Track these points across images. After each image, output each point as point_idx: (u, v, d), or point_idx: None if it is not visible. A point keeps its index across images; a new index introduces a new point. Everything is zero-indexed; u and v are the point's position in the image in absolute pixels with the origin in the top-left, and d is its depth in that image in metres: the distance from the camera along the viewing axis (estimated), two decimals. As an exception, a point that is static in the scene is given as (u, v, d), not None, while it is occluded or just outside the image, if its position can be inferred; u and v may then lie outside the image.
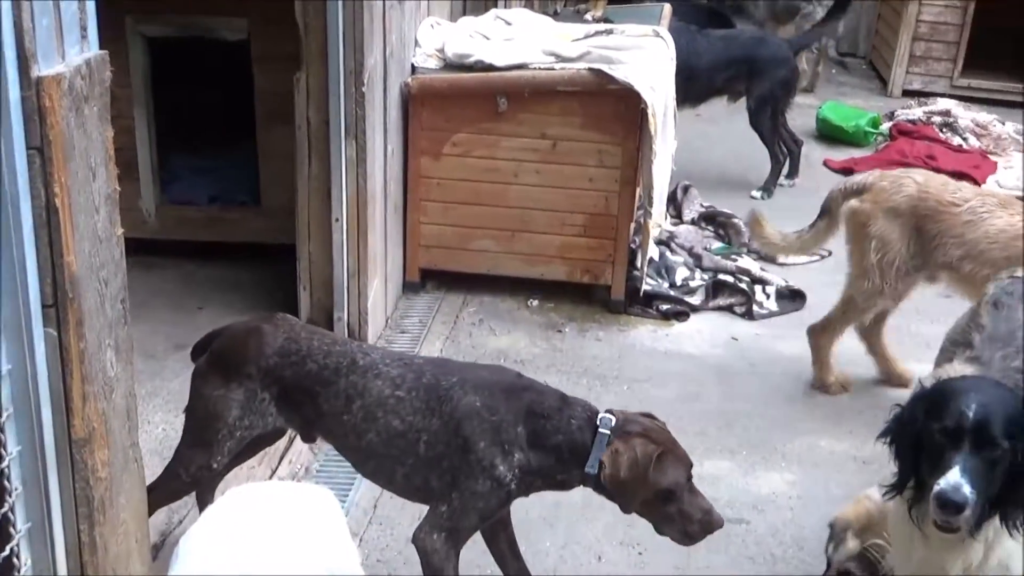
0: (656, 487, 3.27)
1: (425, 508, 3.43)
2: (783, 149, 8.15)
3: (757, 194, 8.05)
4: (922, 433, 2.99)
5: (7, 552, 2.45)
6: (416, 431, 3.36)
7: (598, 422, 3.33)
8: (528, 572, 3.71)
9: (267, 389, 3.46)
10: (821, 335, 5.36)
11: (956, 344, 3.77)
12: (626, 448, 3.28)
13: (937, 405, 2.98)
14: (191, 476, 3.51)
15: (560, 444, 3.32)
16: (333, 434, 3.53)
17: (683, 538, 3.38)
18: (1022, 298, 3.71)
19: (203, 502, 3.95)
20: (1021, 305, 3.68)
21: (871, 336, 5.44)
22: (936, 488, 2.86)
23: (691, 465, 3.39)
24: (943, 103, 10.10)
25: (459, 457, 3.32)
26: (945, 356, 3.80)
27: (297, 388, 3.46)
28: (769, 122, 8.01)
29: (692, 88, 7.45)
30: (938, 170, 8.41)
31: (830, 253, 6.99)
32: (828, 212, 5.35)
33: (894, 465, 3.14)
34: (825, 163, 8.85)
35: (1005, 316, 3.68)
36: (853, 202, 5.11)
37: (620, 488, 3.30)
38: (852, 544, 3.59)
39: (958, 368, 3.48)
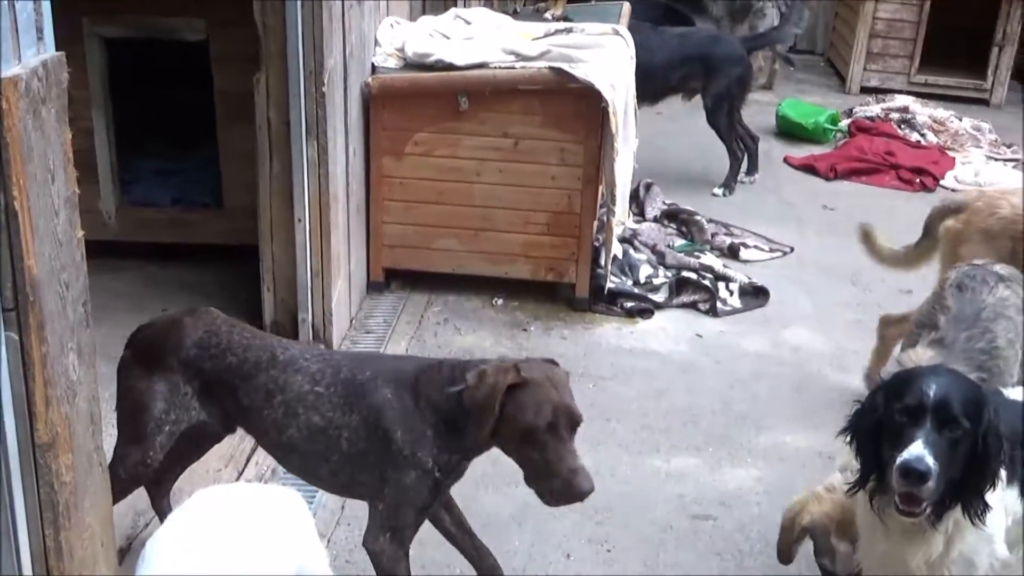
0: (509, 420, 3.18)
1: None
2: (740, 146, 8.18)
3: (719, 191, 8.08)
4: (883, 420, 3.01)
5: (-30, 559, 2.43)
6: (336, 427, 3.36)
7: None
8: (484, 547, 3.69)
9: (189, 382, 3.46)
10: (892, 327, 5.26)
11: (923, 327, 3.87)
12: (491, 370, 3.22)
13: (898, 389, 3.01)
14: (128, 473, 3.49)
15: (453, 400, 3.27)
16: (255, 429, 3.54)
17: (547, 496, 3.25)
18: (984, 282, 3.88)
19: (158, 508, 3.95)
20: (984, 288, 3.82)
21: (892, 328, 5.32)
22: (899, 460, 2.87)
23: (570, 415, 3.22)
24: (901, 99, 10.20)
25: (382, 451, 3.32)
26: (911, 340, 3.87)
27: (217, 381, 3.46)
28: (726, 119, 8.03)
29: (648, 86, 7.44)
30: (897, 166, 8.57)
31: (792, 249, 7.05)
32: (928, 230, 5.16)
33: (856, 461, 3.17)
34: (785, 160, 8.91)
35: (969, 299, 3.84)
36: (949, 221, 4.97)
37: (472, 409, 3.21)
38: (844, 547, 3.45)
39: (922, 352, 3.53)
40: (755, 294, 6.37)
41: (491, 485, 4.51)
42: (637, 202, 7.37)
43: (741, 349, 5.82)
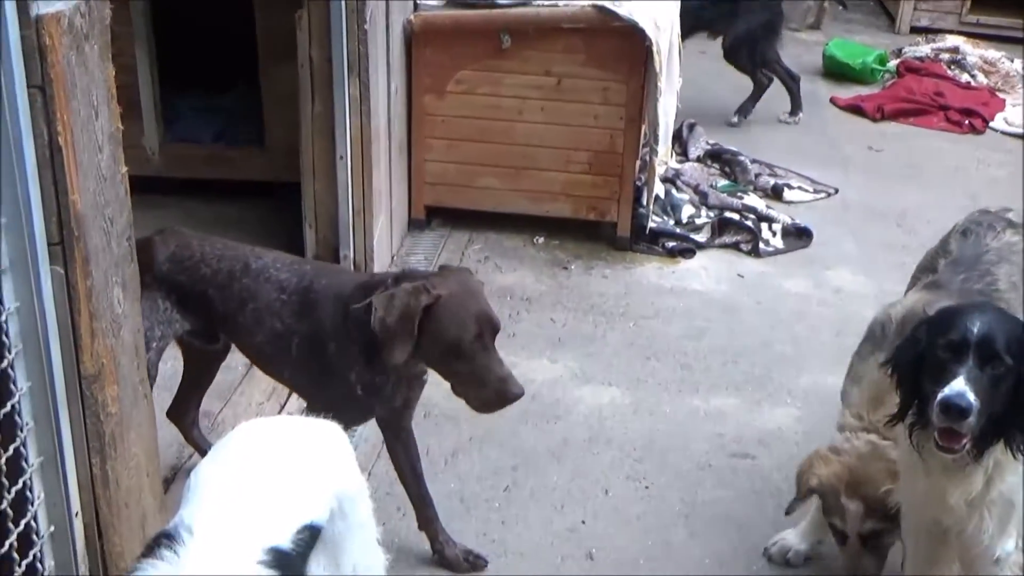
0: (431, 339, 3.17)
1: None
2: (766, 75, 8.08)
3: (735, 119, 8.05)
4: (925, 354, 3.00)
5: (20, 485, 2.49)
6: (291, 334, 3.43)
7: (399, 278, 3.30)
8: (429, 496, 3.71)
9: (167, 297, 3.51)
10: None
11: (924, 271, 3.85)
12: (401, 293, 3.18)
13: (941, 324, 3.00)
14: None
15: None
16: (232, 335, 3.63)
17: (479, 404, 3.27)
18: (991, 228, 3.80)
19: (191, 440, 4.06)
20: (990, 233, 3.78)
21: None
22: (940, 395, 2.87)
23: (491, 323, 3.22)
24: (951, 40, 10.00)
25: (318, 362, 3.38)
26: (912, 284, 3.87)
27: (194, 292, 3.53)
28: (747, 57, 7.94)
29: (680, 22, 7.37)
30: (946, 107, 8.44)
31: (837, 191, 6.99)
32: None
33: (896, 394, 3.16)
34: (832, 100, 8.79)
35: (972, 243, 3.77)
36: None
37: (386, 333, 3.17)
38: (853, 506, 3.45)
39: (918, 295, 3.56)
40: (798, 235, 6.32)
41: (530, 421, 4.54)
42: (680, 142, 7.31)
43: (783, 290, 5.80)
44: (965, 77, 9.26)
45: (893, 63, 9.44)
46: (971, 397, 2.83)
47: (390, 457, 3.71)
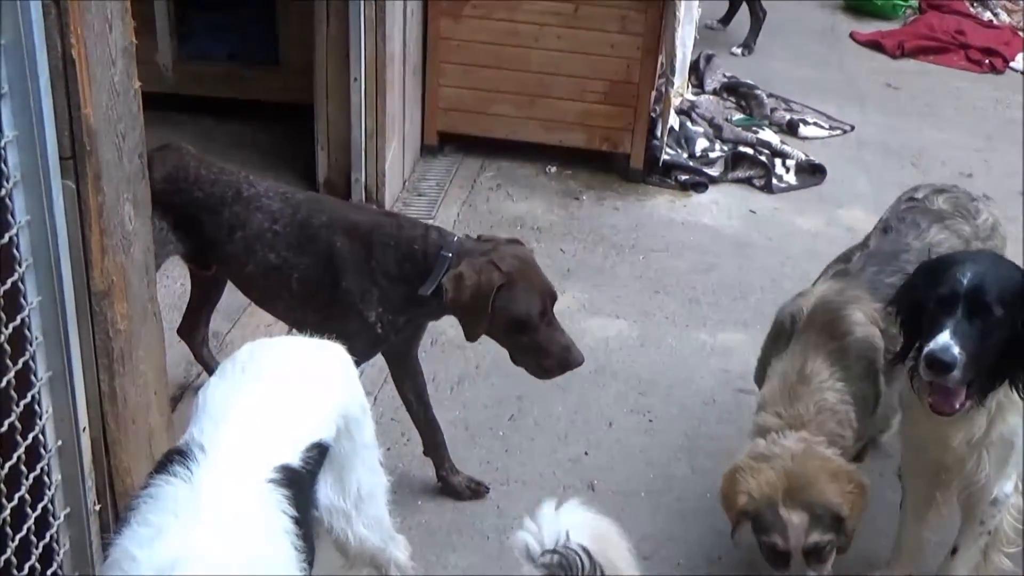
0: (502, 316, 3.24)
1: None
2: (762, 7, 8.06)
3: (737, 50, 8.01)
4: (922, 301, 2.99)
5: (28, 399, 2.50)
6: (289, 267, 3.43)
7: (443, 244, 3.31)
8: (436, 422, 3.75)
9: (163, 217, 3.47)
10: None
11: (839, 261, 3.64)
12: (471, 273, 3.22)
13: (935, 273, 2.98)
14: None
15: (408, 271, 3.31)
16: (220, 262, 3.62)
17: (539, 371, 3.36)
18: (915, 225, 3.57)
19: (200, 357, 4.09)
20: (913, 231, 3.55)
21: None
22: (926, 349, 2.87)
23: (553, 297, 3.32)
24: (976, -24, 9.88)
25: (329, 295, 3.38)
26: (823, 273, 3.68)
27: (186, 216, 3.52)
28: None
29: None
30: (967, 46, 8.34)
31: (852, 128, 6.94)
32: None
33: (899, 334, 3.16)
34: (851, 35, 8.70)
35: (891, 239, 3.56)
36: None
37: (462, 314, 3.26)
38: (797, 517, 2.99)
39: (826, 285, 3.43)
40: (812, 172, 6.29)
41: (537, 351, 4.55)
42: (697, 73, 7.25)
43: (795, 227, 5.78)
44: (988, 15, 9.16)
45: None
46: (955, 351, 2.82)
47: (395, 385, 3.73)
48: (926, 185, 3.88)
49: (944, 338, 2.84)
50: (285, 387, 2.51)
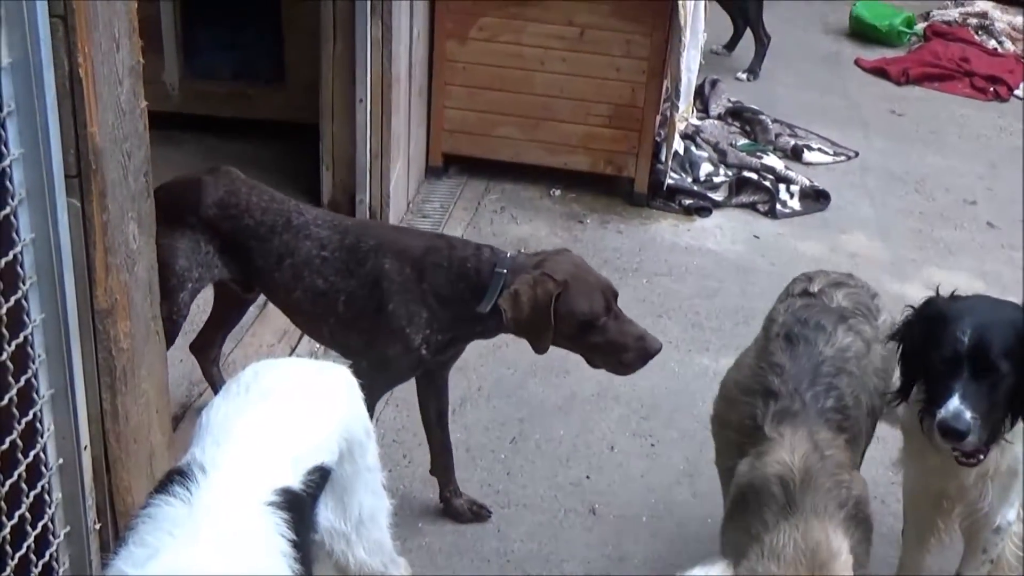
0: (567, 322, 3.23)
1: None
2: (766, 33, 8.10)
3: (743, 76, 8.03)
4: (922, 353, 2.96)
5: (30, 417, 2.50)
6: (336, 291, 3.42)
7: (496, 262, 3.31)
8: (449, 446, 3.74)
9: (210, 241, 3.51)
10: None
11: (752, 393, 3.08)
12: (526, 288, 3.22)
13: (935, 331, 2.92)
14: None
15: (462, 291, 3.31)
16: (267, 289, 3.63)
17: (620, 367, 3.37)
18: (820, 329, 3.13)
19: (209, 376, 4.06)
20: (821, 337, 3.11)
21: None
22: (938, 416, 2.84)
23: (612, 292, 3.32)
24: (980, 5, 9.88)
25: (373, 319, 3.37)
26: (739, 410, 3.13)
27: (235, 242, 3.52)
28: (755, 5, 8.02)
29: None
30: (971, 73, 8.36)
31: (857, 154, 6.95)
32: None
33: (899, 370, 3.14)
34: (856, 62, 8.72)
35: (803, 352, 3.09)
36: None
37: (525, 330, 3.26)
38: None
39: (782, 434, 2.88)
40: (816, 197, 6.29)
41: (539, 374, 4.55)
42: (702, 98, 7.26)
43: (798, 252, 5.78)
44: (992, 43, 9.17)
45: (920, 26, 9.35)
46: (968, 417, 2.80)
47: (420, 402, 3.70)
48: (819, 273, 3.50)
49: (955, 405, 2.82)
50: (288, 409, 2.51)
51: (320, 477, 2.47)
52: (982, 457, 2.93)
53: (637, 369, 3.39)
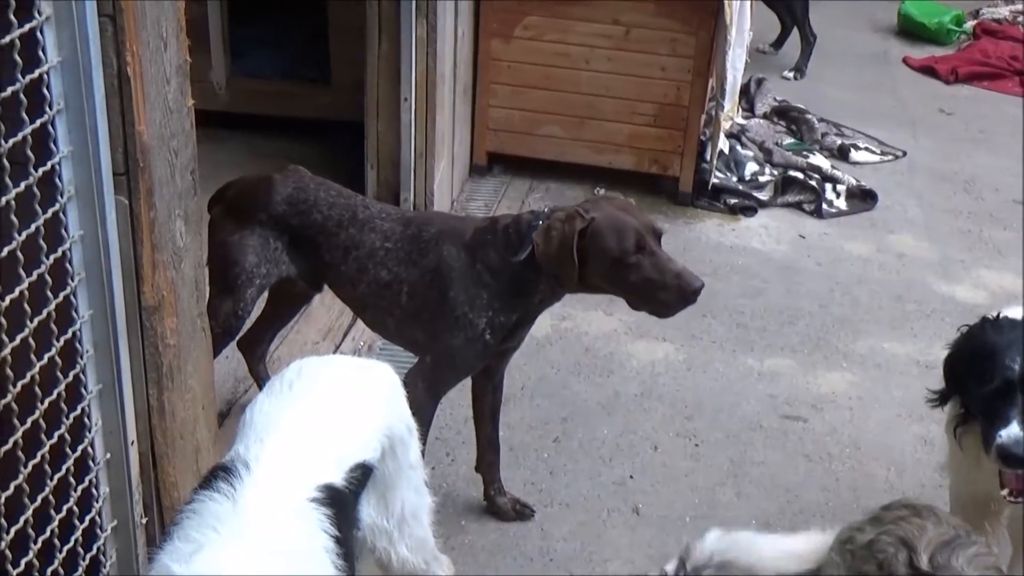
0: (597, 259, 3.19)
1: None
2: (812, 31, 8.06)
3: (789, 74, 8.00)
4: (968, 374, 2.97)
5: (78, 412, 2.52)
6: (399, 282, 3.43)
7: (533, 219, 3.29)
8: (498, 442, 3.74)
9: (279, 237, 3.53)
10: None
11: None
12: (556, 223, 3.20)
13: (980, 364, 2.93)
14: (221, 326, 3.56)
15: (509, 256, 3.29)
16: (334, 284, 3.63)
17: (661, 308, 3.28)
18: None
19: (255, 373, 4.07)
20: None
21: None
22: (997, 441, 2.83)
23: (653, 231, 3.25)
24: (1031, 2, 9.78)
25: (436, 309, 3.37)
26: None
27: (304, 237, 3.53)
28: (801, 3, 7.99)
29: None
30: (1021, 72, 8.25)
31: (904, 153, 6.89)
32: None
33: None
34: (904, 60, 8.64)
35: None
36: None
37: (551, 264, 3.22)
38: None
39: (927, 524, 2.42)
40: (862, 197, 6.24)
41: (582, 373, 4.55)
42: (747, 97, 7.23)
43: (844, 252, 5.73)
44: (1043, 42, 9.05)
45: (969, 24, 9.25)
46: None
47: (473, 397, 3.69)
48: (916, 526, 2.45)
49: (1015, 431, 2.81)
50: (331, 406, 2.52)
51: (362, 474, 2.48)
52: None
53: (677, 310, 3.29)
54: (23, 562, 2.40)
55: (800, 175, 6.24)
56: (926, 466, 4.13)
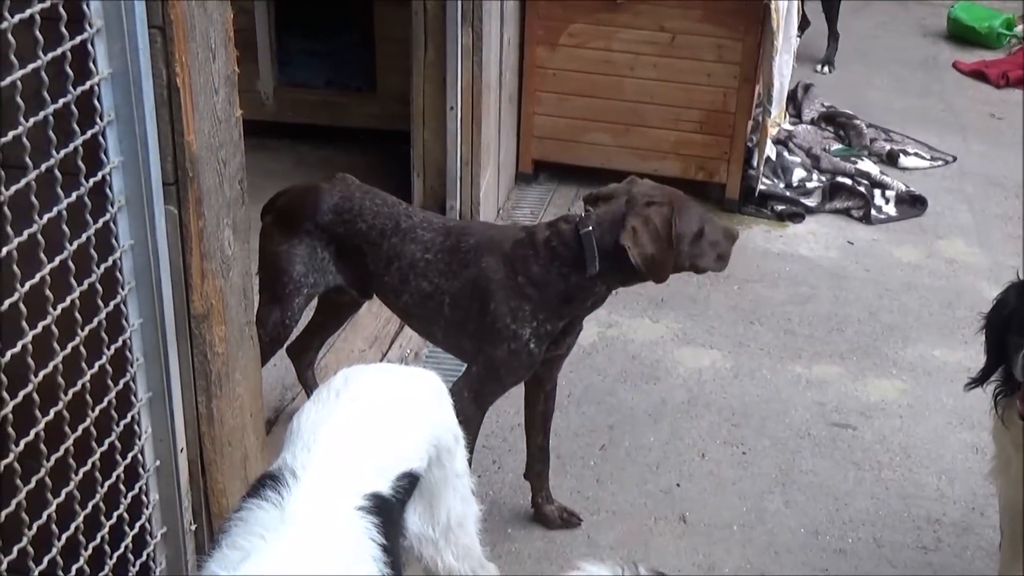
0: (685, 239, 3.27)
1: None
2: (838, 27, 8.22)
3: (822, 69, 8.12)
4: (1013, 314, 2.92)
5: (128, 419, 2.54)
6: (441, 293, 3.44)
7: (576, 227, 3.29)
8: (548, 451, 3.73)
9: (326, 247, 3.55)
10: None
11: None
12: (640, 223, 3.21)
13: (1021, 317, 2.89)
14: (269, 335, 3.58)
15: (559, 269, 3.28)
16: (380, 293, 3.64)
17: (718, 263, 3.40)
18: None
19: (303, 380, 4.10)
20: None
21: None
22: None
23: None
24: (1084, 4, 9.65)
25: (479, 321, 3.37)
26: None
27: (350, 246, 3.55)
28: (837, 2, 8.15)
29: None
30: (1071, 76, 8.14)
31: (954, 159, 6.82)
32: None
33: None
34: (954, 65, 8.55)
35: None
36: None
37: (653, 262, 3.23)
38: None
39: None
40: (912, 203, 6.18)
41: (629, 380, 4.53)
42: (794, 103, 7.18)
43: (893, 259, 5.68)
44: (1095, 45, 8.92)
45: (1020, 28, 9.13)
46: None
47: (526, 404, 3.69)
48: None
49: None
50: (378, 414, 2.52)
51: (409, 483, 2.48)
52: None
53: (729, 259, 3.44)
54: (74, 568, 2.42)
55: (848, 181, 6.19)
56: (977, 475, 4.08)
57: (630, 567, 2.18)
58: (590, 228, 3.25)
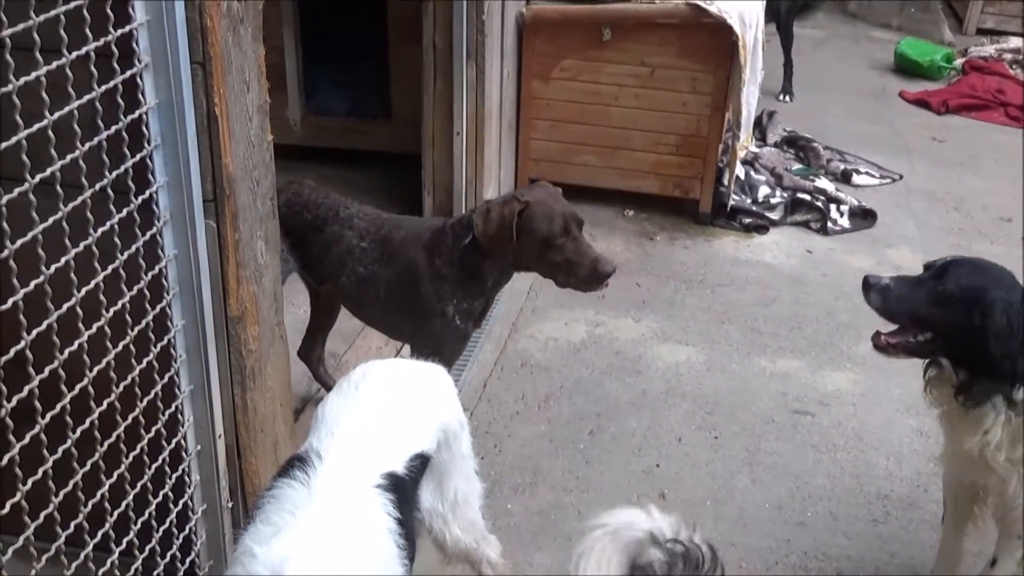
0: (529, 238, 3.24)
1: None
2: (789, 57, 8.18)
3: (782, 98, 8.04)
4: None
5: (172, 409, 2.55)
6: (376, 279, 3.45)
7: (472, 213, 3.34)
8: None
9: (284, 238, 3.50)
10: None
11: None
12: (495, 206, 3.28)
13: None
14: None
15: (461, 250, 3.33)
16: (323, 277, 3.64)
17: (580, 285, 3.31)
18: None
19: (318, 376, 4.14)
20: None
21: None
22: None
23: (576, 220, 3.30)
24: (1015, 41, 9.64)
25: (412, 304, 3.39)
26: None
27: (300, 236, 3.57)
28: (792, 29, 8.11)
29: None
30: (1006, 103, 8.14)
31: (901, 177, 6.81)
32: None
33: None
34: (900, 94, 8.54)
35: None
36: None
37: (491, 243, 3.27)
38: None
39: None
40: (863, 216, 6.17)
41: (614, 374, 4.53)
42: (760, 128, 7.18)
43: (847, 265, 5.67)
44: (1025, 77, 8.92)
45: (959, 61, 9.12)
46: (887, 280, 3.01)
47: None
48: None
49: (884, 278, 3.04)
50: (393, 403, 2.53)
51: (421, 463, 2.48)
52: (890, 345, 3.11)
53: (594, 288, 3.34)
54: (124, 540, 2.42)
55: (807, 197, 6.19)
56: (922, 456, 4.08)
57: (689, 528, 2.14)
58: (475, 213, 3.34)
